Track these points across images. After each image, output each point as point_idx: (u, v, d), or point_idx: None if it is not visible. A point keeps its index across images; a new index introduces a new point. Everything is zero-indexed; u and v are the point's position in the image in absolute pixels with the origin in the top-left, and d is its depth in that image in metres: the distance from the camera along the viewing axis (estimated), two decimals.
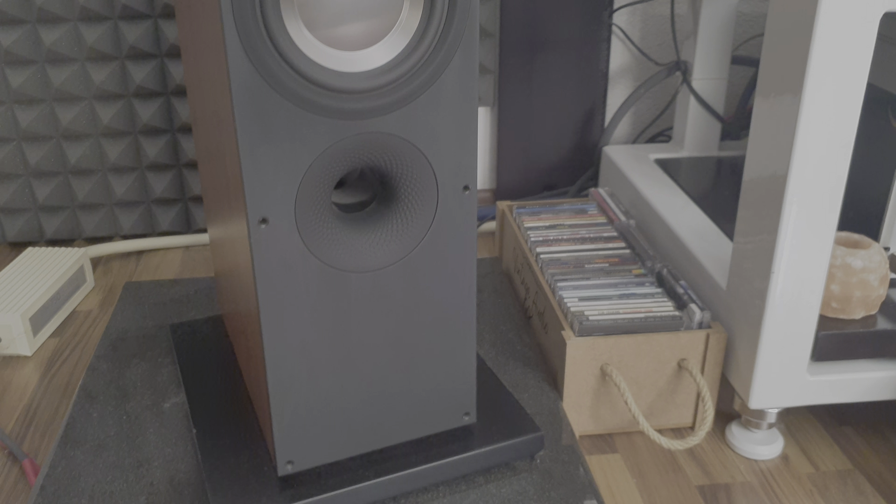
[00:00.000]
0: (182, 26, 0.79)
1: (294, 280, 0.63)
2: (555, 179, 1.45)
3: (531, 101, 1.39)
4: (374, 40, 0.59)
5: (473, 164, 0.66)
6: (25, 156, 1.29)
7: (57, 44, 1.22)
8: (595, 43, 1.36)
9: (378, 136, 0.62)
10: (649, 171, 1.21)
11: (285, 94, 0.58)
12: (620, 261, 1.00)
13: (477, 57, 0.62)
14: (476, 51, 0.62)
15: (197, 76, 0.74)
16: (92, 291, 1.23)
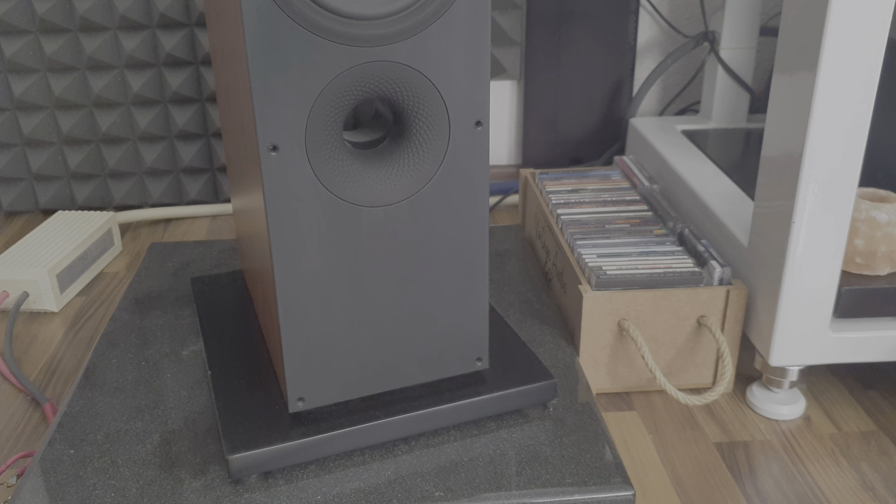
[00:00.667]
0: None
1: (304, 211, 0.64)
2: (581, 153, 1.44)
3: (558, 74, 1.38)
4: None
5: (486, 98, 0.66)
6: (58, 123, 1.32)
7: (90, 12, 1.25)
8: (623, 15, 1.35)
9: (389, 65, 0.62)
10: (676, 141, 1.20)
11: (296, 18, 0.58)
12: (642, 222, 0.98)
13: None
14: None
15: (216, 12, 0.75)
16: (120, 255, 1.25)
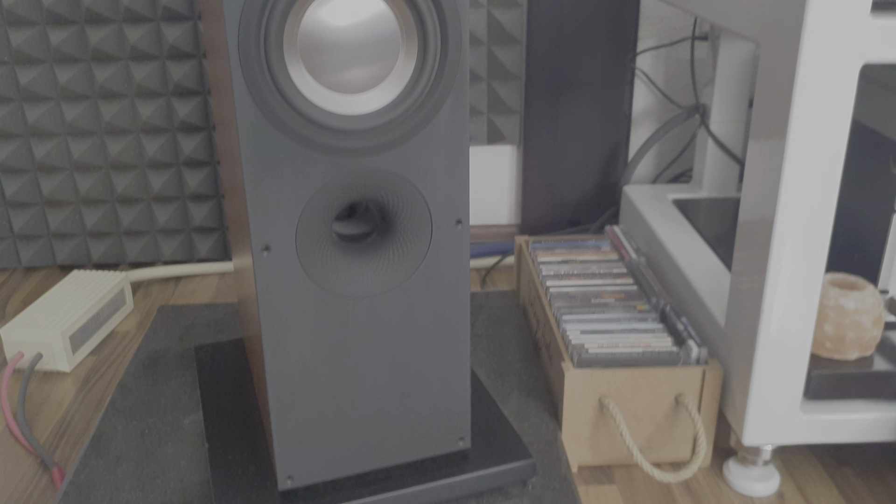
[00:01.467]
0: (211, 67, 0.86)
1: (294, 305, 0.68)
2: (579, 216, 1.48)
3: (556, 141, 1.43)
4: (371, 85, 0.65)
5: (466, 199, 0.71)
6: (76, 184, 1.38)
7: (109, 81, 1.31)
8: (618, 86, 1.40)
9: (375, 172, 0.67)
10: (666, 211, 1.24)
11: (287, 133, 0.63)
12: (626, 296, 1.02)
13: (467, 101, 0.67)
14: (466, 96, 0.67)
15: (221, 113, 0.80)
16: (131, 314, 1.30)
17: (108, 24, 1.29)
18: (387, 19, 0.63)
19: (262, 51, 0.60)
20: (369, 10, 0.62)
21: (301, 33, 0.61)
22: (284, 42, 0.60)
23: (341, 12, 0.62)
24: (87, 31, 1.29)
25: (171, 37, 1.30)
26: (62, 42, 1.29)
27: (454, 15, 0.63)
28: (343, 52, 0.63)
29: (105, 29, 1.29)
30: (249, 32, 0.59)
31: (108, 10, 1.28)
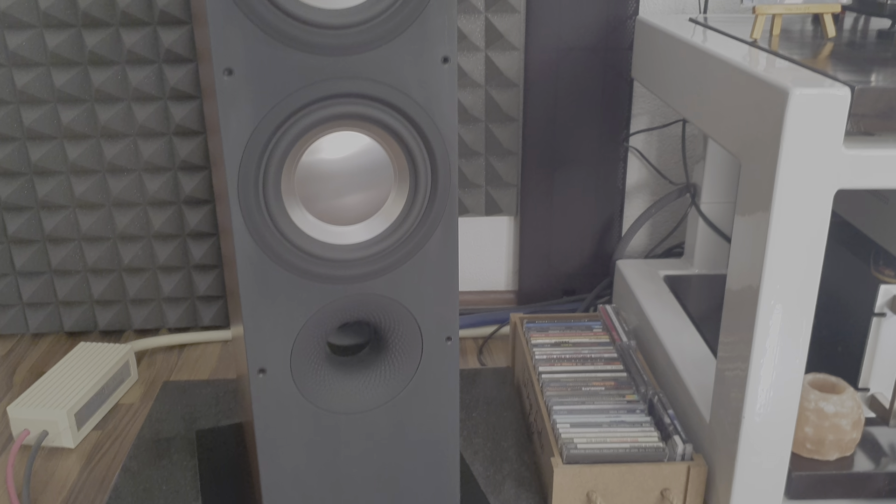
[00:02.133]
0: (210, 142, 0.89)
1: (289, 421, 0.72)
2: (574, 285, 1.51)
3: (552, 213, 1.46)
4: (364, 218, 0.68)
5: (455, 317, 0.74)
6: (84, 254, 1.42)
7: (117, 157, 1.36)
8: (612, 162, 1.43)
9: (367, 296, 0.70)
10: (657, 290, 1.27)
11: (283, 266, 0.66)
12: (616, 384, 1.05)
13: (456, 233, 0.70)
14: (455, 226, 0.70)
15: (219, 188, 0.84)
16: (135, 384, 1.34)
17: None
18: (380, 159, 0.67)
19: (261, 197, 0.63)
20: (364, 155, 0.66)
21: (298, 177, 0.64)
22: (282, 187, 0.64)
23: (336, 156, 0.65)
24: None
25: (177, 116, 1.34)
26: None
27: (444, 157, 0.66)
28: (337, 191, 0.66)
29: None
30: (248, 181, 0.62)
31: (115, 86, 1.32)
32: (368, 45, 0.61)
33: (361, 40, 0.61)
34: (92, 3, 1.27)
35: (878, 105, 0.73)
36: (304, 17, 0.59)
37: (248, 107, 0.60)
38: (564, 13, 1.34)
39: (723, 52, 0.89)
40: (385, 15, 0.60)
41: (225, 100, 0.59)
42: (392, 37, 0.61)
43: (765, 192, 0.77)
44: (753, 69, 0.80)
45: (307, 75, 0.60)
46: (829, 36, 0.98)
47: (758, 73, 0.78)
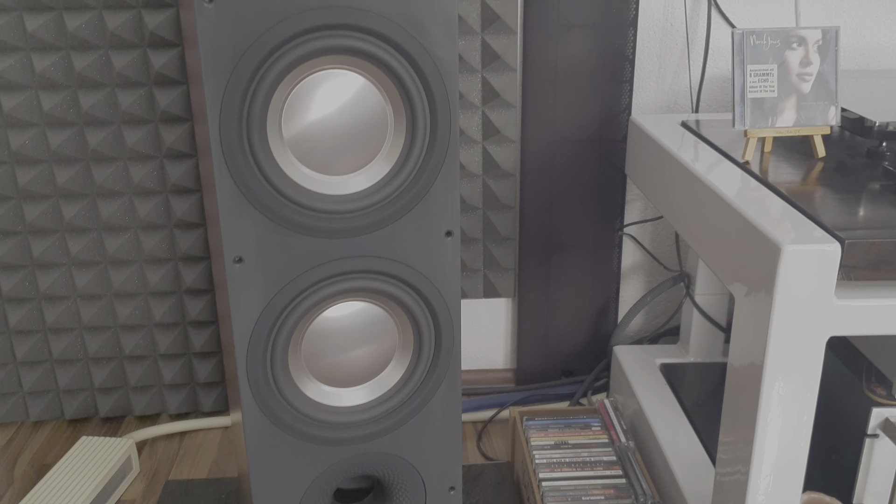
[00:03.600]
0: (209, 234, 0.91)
1: None
2: (572, 365, 1.53)
3: (549, 295, 1.48)
4: (367, 379, 0.70)
5: (458, 468, 0.75)
6: (86, 343, 1.43)
7: (119, 251, 1.37)
8: (608, 247, 1.45)
9: (372, 455, 0.72)
10: (653, 381, 1.29)
11: (289, 431, 0.68)
12: (616, 493, 1.07)
13: (459, 390, 0.72)
14: (458, 386, 0.72)
15: (218, 278, 0.85)
16: (137, 478, 1.34)
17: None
18: (385, 324, 0.68)
19: (269, 376, 0.65)
20: (369, 323, 0.67)
21: (305, 349, 0.66)
22: (290, 360, 0.65)
23: (342, 324, 0.67)
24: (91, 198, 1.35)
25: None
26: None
27: (448, 322, 0.68)
28: (342, 355, 0.68)
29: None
30: (257, 362, 0.64)
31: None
32: (374, 226, 0.63)
33: (368, 222, 0.63)
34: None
35: (867, 257, 0.75)
36: (312, 206, 0.60)
37: (256, 291, 0.62)
38: (559, 108, 1.37)
39: (716, 181, 0.92)
40: (391, 198, 0.62)
41: (235, 287, 0.61)
42: (398, 217, 0.63)
43: (759, 336, 0.79)
44: (747, 212, 0.82)
45: (314, 257, 0.62)
46: (819, 156, 1.00)
47: (752, 220, 0.80)
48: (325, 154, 0.62)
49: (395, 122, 0.63)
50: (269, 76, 0.58)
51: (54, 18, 1.25)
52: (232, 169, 0.59)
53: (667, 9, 1.35)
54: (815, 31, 0.98)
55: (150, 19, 1.26)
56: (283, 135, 0.62)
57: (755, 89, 0.97)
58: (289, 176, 0.60)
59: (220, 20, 0.56)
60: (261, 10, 0.57)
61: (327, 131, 0.62)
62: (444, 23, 0.60)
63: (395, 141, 0.63)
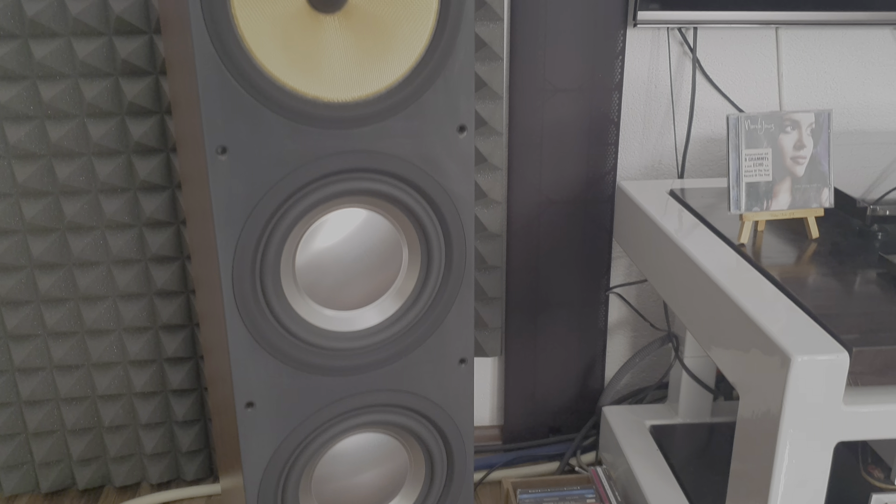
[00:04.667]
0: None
1: None
2: (559, 422, 1.53)
3: (535, 354, 1.48)
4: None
5: None
6: (62, 415, 1.39)
7: (98, 321, 1.33)
8: (594, 305, 1.45)
9: None
10: (643, 444, 1.29)
11: None
12: None
13: None
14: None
15: (210, 346, 0.83)
16: None
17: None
18: (398, 456, 0.67)
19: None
20: (382, 459, 0.66)
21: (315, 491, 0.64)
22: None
23: (355, 461, 0.65)
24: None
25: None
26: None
27: (461, 451, 0.67)
28: (354, 482, 0.66)
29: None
30: None
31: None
32: (387, 361, 0.61)
33: (381, 357, 0.61)
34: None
35: (874, 364, 0.75)
36: (326, 345, 0.59)
37: (268, 434, 0.60)
38: (545, 170, 1.36)
39: (714, 269, 0.91)
40: (406, 330, 0.61)
41: (245, 428, 0.59)
42: (412, 349, 0.62)
43: (766, 441, 0.78)
44: (754, 314, 0.82)
45: (326, 396, 0.60)
46: (812, 237, 1.01)
47: (760, 324, 0.80)
48: (338, 291, 0.61)
49: (410, 256, 0.61)
50: (284, 223, 0.56)
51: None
52: (244, 316, 0.57)
53: (651, 71, 1.35)
54: (809, 114, 0.98)
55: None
56: (297, 278, 0.60)
57: (750, 173, 0.97)
58: (303, 318, 0.58)
59: (234, 171, 0.54)
60: (275, 159, 0.55)
61: (341, 269, 0.60)
62: (461, 160, 0.59)
63: (410, 274, 0.62)
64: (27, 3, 1.16)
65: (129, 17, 1.19)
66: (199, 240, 0.73)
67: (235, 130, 0.54)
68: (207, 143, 0.54)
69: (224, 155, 0.54)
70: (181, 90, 0.64)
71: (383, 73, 0.57)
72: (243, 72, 0.53)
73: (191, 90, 0.56)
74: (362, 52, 0.56)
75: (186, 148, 0.68)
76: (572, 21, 1.28)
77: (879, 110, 1.39)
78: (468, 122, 0.60)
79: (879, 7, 1.27)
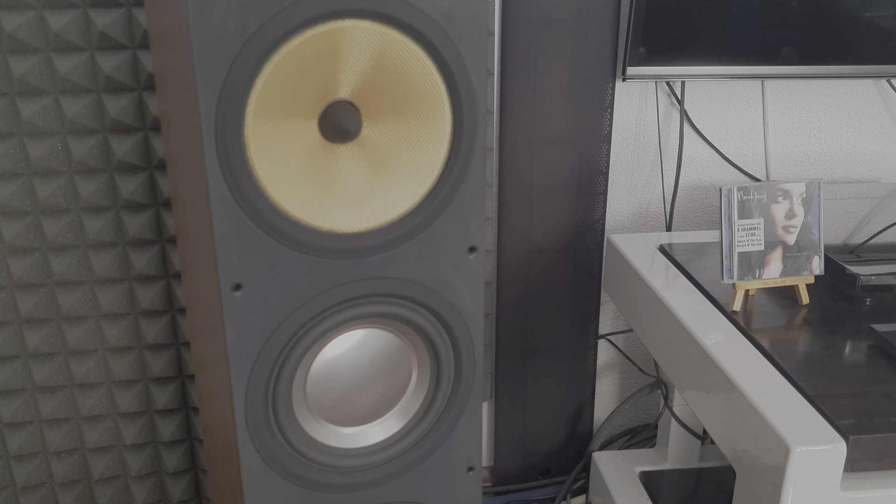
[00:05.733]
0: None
1: None
2: (549, 465, 1.54)
3: (525, 398, 1.49)
4: None
5: None
6: (51, 469, 1.38)
7: (88, 375, 1.32)
8: (582, 350, 1.46)
9: None
10: (632, 489, 1.30)
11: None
12: None
13: None
14: None
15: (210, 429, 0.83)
16: None
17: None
18: None
19: None
20: None
21: None
22: None
23: None
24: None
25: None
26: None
27: None
28: None
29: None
30: None
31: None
32: (398, 474, 0.62)
33: (391, 472, 0.61)
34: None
35: (870, 451, 0.77)
36: (340, 465, 0.59)
37: None
38: (534, 220, 1.37)
39: (708, 341, 0.93)
40: (413, 447, 0.61)
41: None
42: (420, 462, 0.62)
43: None
44: (752, 396, 0.83)
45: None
46: (803, 303, 1.03)
47: (758, 407, 0.81)
48: (346, 407, 0.61)
49: (419, 370, 0.62)
50: (297, 352, 0.56)
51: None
52: (258, 444, 0.57)
53: (639, 122, 1.36)
54: (800, 185, 1.00)
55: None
56: (308, 400, 0.61)
57: (743, 243, 0.99)
58: (316, 439, 0.59)
59: (248, 305, 0.54)
60: (288, 290, 0.55)
61: (350, 386, 0.61)
62: (471, 279, 0.59)
63: (419, 388, 0.63)
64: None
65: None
66: (200, 325, 0.73)
67: (250, 266, 0.55)
68: (222, 281, 0.54)
69: (239, 291, 0.54)
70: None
71: (396, 201, 0.57)
72: (258, 210, 0.54)
73: (204, 223, 0.56)
74: (375, 182, 0.56)
75: (187, 239, 0.67)
76: (562, 75, 1.29)
77: (862, 158, 1.42)
78: (479, 243, 0.61)
79: (862, 61, 1.29)
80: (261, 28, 0.50)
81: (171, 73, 0.70)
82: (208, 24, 0.49)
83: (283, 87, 0.53)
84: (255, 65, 0.51)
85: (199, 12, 0.49)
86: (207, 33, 0.50)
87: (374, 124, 0.56)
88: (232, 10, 0.49)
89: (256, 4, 0.50)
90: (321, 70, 0.54)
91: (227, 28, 0.50)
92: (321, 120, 0.55)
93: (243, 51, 0.51)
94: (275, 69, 0.52)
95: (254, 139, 0.52)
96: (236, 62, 0.51)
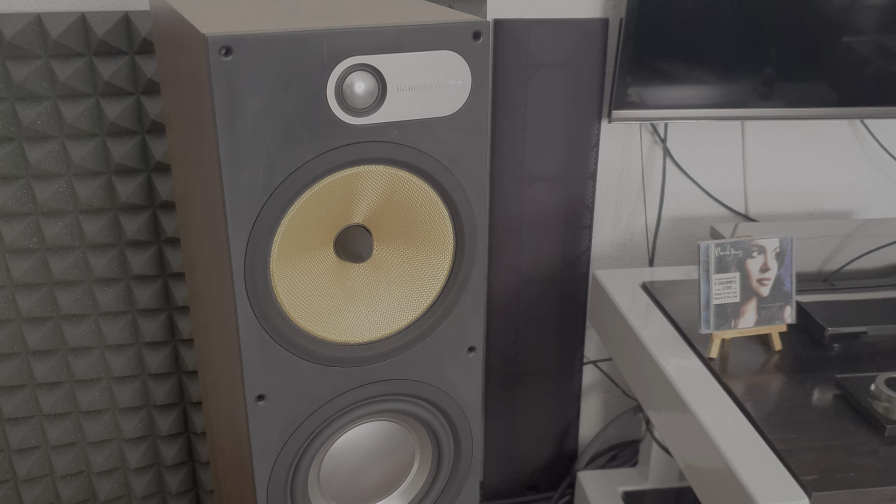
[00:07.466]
0: None
1: None
2: (536, 481, 1.61)
3: (514, 419, 1.55)
4: None
5: None
6: (58, 490, 1.43)
7: (93, 402, 1.37)
8: (568, 374, 1.53)
9: None
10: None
11: None
12: None
13: None
14: None
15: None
16: None
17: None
18: None
19: None
20: None
21: None
22: None
23: None
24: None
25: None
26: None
27: None
28: None
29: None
30: None
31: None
32: None
33: None
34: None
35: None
36: None
37: None
38: (524, 252, 1.43)
39: (685, 389, 0.99)
40: None
41: None
42: None
43: None
44: (725, 450, 0.89)
45: None
46: (776, 349, 1.09)
47: (728, 460, 0.88)
48: (356, 488, 0.67)
49: (422, 455, 0.68)
50: (312, 448, 0.62)
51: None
52: None
53: (623, 160, 1.42)
54: (773, 240, 1.06)
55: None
56: (320, 483, 0.66)
57: (720, 296, 1.05)
58: None
59: (269, 412, 0.60)
60: (306, 397, 0.61)
61: (359, 469, 0.66)
62: (470, 374, 0.65)
63: (420, 471, 0.69)
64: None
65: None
66: (215, 414, 0.78)
67: (272, 379, 0.60)
68: (248, 393, 0.60)
69: (262, 401, 0.60)
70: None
71: (404, 312, 0.63)
72: (281, 332, 0.59)
73: (231, 346, 0.62)
74: (385, 296, 0.62)
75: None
76: (551, 117, 1.34)
77: (836, 191, 1.48)
78: (477, 343, 0.67)
79: (836, 104, 1.35)
80: (285, 181, 0.56)
81: (189, 152, 0.74)
82: (239, 180, 0.55)
83: (304, 225, 0.58)
84: (280, 211, 0.57)
85: (231, 170, 0.54)
86: (239, 188, 0.55)
87: (385, 246, 0.62)
88: (261, 167, 0.55)
89: (282, 160, 0.55)
90: (338, 205, 0.59)
91: (255, 182, 0.55)
92: (337, 242, 0.60)
93: (270, 200, 0.56)
94: (297, 212, 0.58)
95: (278, 272, 0.58)
96: (263, 210, 0.56)
